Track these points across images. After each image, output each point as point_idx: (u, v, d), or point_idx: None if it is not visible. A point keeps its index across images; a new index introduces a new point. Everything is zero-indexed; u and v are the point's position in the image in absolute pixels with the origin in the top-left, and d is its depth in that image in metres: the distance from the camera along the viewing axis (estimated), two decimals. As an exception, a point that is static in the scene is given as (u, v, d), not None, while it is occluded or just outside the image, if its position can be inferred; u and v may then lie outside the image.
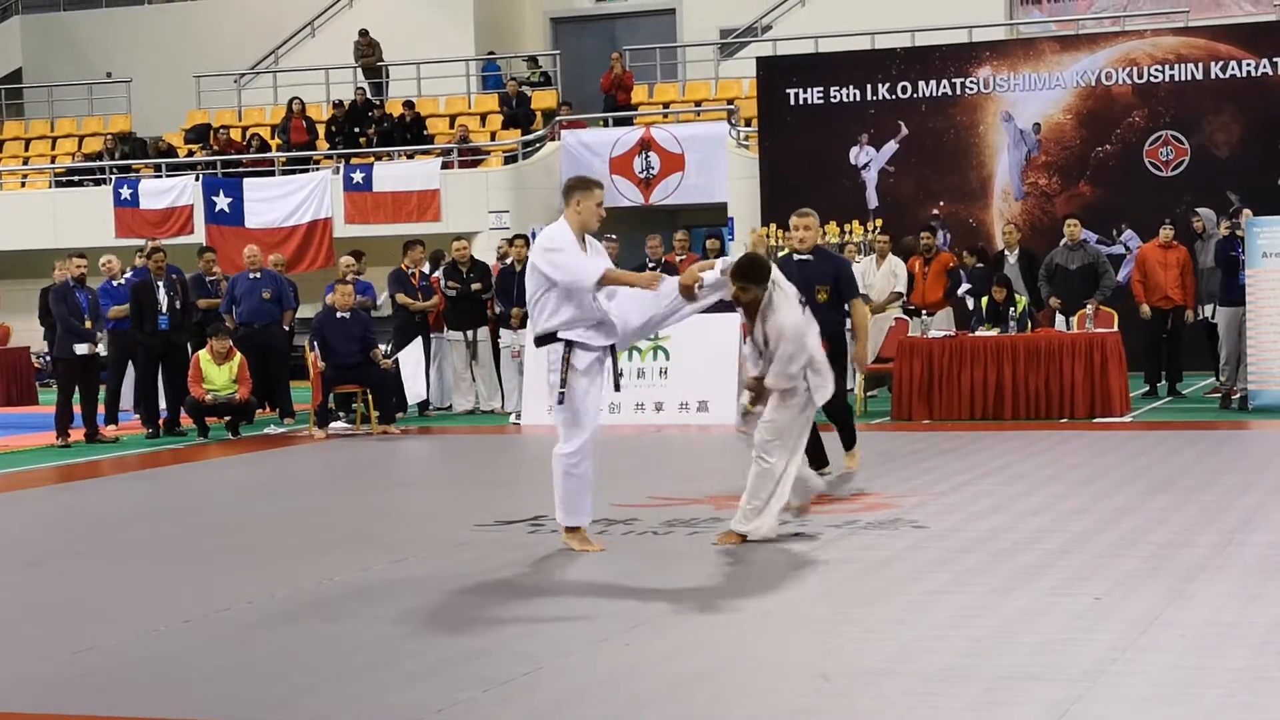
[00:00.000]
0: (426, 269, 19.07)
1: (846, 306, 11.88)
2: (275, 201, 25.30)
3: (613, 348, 9.09)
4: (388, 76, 28.92)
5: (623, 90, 26.46)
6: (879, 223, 21.54)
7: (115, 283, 17.94)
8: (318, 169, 26.11)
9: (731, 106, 25.16)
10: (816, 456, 11.45)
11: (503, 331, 18.38)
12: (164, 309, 16.98)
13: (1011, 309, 16.70)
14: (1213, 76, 21.15)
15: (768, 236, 20.08)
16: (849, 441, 12.12)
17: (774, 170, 22.79)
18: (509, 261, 18.52)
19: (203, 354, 16.74)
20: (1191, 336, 18.16)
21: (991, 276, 17.67)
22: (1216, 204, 19.41)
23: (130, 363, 17.79)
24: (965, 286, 18.63)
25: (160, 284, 17.08)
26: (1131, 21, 24.39)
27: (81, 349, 16.41)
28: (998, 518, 9.81)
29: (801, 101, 22.77)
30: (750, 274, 9.07)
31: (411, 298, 18.53)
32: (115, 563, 9.53)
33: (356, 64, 28.72)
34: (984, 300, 17.29)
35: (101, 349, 16.92)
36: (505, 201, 24.56)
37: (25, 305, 22.36)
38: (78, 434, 16.55)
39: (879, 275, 18.61)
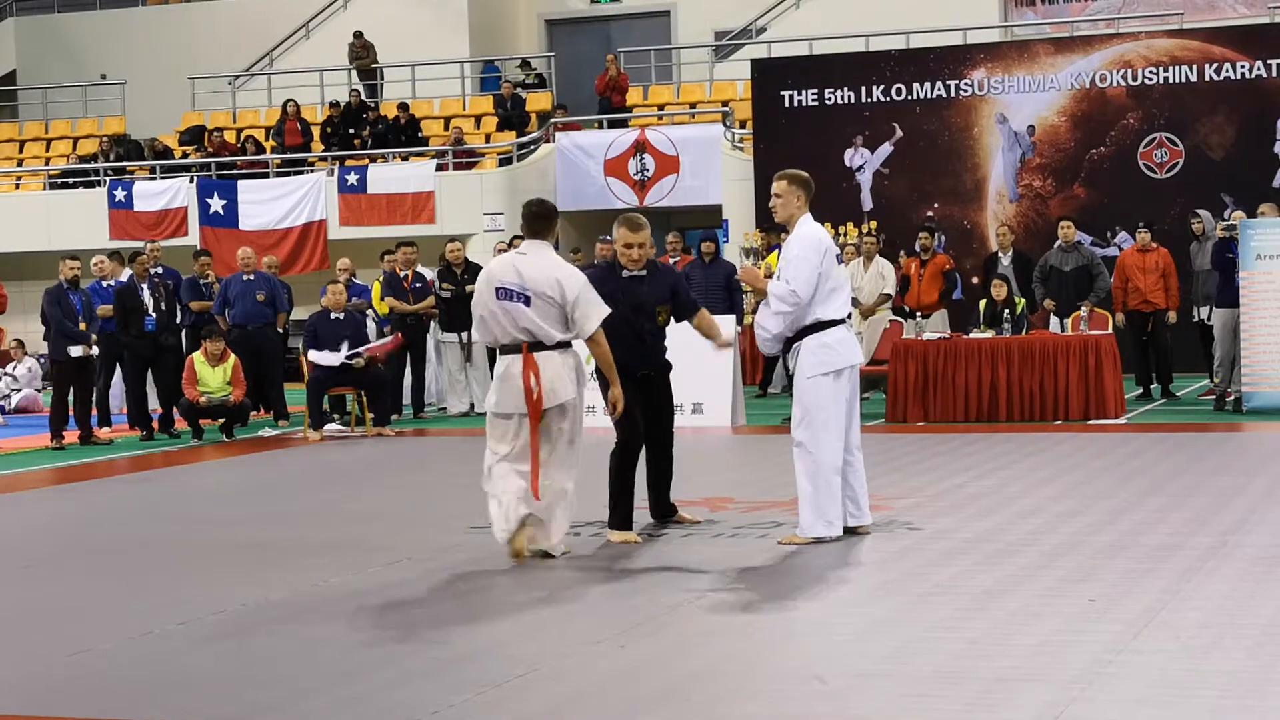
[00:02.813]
0: (424, 271, 19.06)
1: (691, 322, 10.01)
2: (270, 203, 25.29)
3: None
4: (382, 78, 28.92)
5: (617, 92, 26.46)
6: (873, 225, 21.57)
7: (105, 283, 17.91)
8: (312, 171, 26.11)
9: (726, 108, 25.17)
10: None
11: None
12: (150, 310, 16.96)
13: (1008, 310, 16.70)
14: (1207, 79, 21.18)
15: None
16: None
17: (769, 172, 22.59)
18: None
19: (197, 356, 16.72)
20: (1186, 339, 18.18)
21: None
22: (1211, 206, 19.42)
23: (118, 365, 17.78)
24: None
25: (144, 286, 17.05)
26: (1126, 24, 24.42)
27: (75, 351, 16.41)
28: (992, 519, 9.81)
29: (796, 103, 22.78)
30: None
31: (402, 300, 18.53)
32: (110, 565, 9.52)
33: (351, 66, 28.71)
34: (982, 302, 17.29)
35: (96, 350, 16.91)
36: (500, 204, 24.56)
37: (19, 307, 22.34)
38: (72, 436, 16.54)
39: (867, 277, 18.61)
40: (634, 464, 9.70)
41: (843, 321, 9.19)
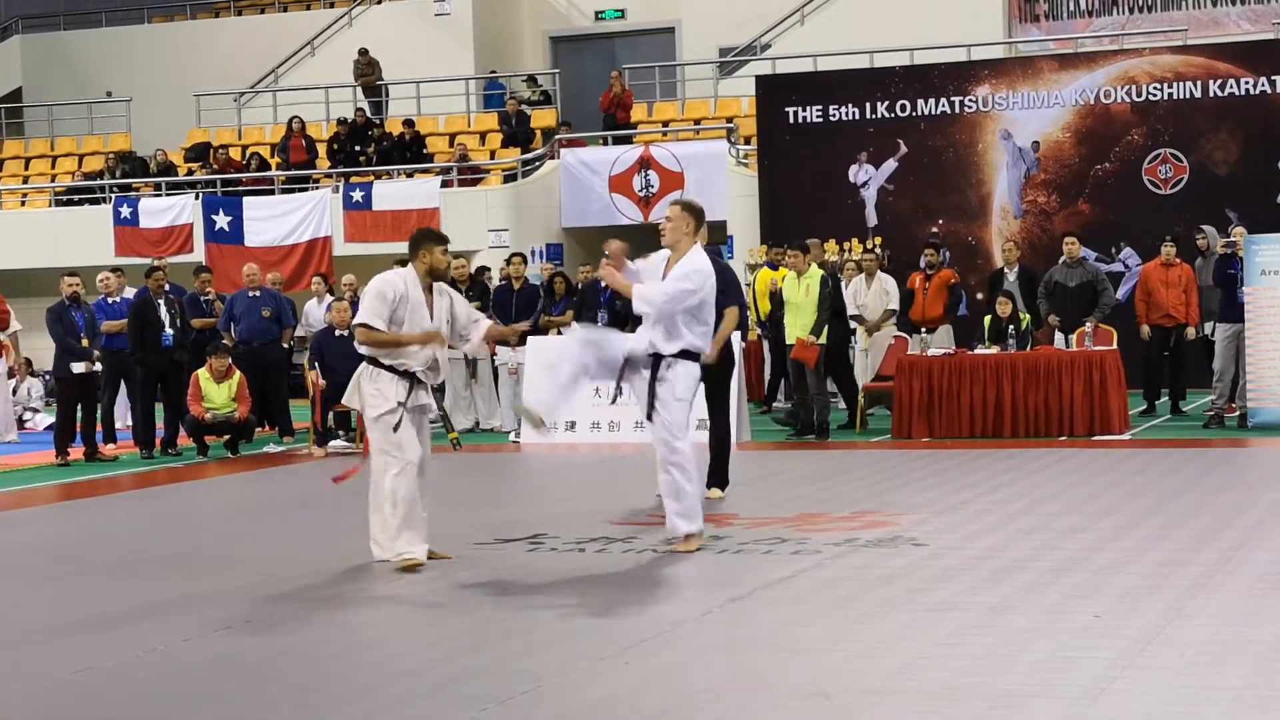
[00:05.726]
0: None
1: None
2: (274, 220, 25.32)
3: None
4: (387, 95, 28.98)
5: (622, 109, 26.50)
6: (878, 241, 21.58)
7: (111, 300, 17.92)
8: (317, 188, 26.15)
9: (731, 125, 25.20)
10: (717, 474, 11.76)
11: (500, 349, 18.40)
12: (166, 326, 16.98)
13: (1013, 326, 16.69)
14: (1211, 94, 21.18)
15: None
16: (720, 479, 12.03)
17: (773, 188, 22.81)
18: (505, 278, 18.70)
19: (202, 373, 16.73)
20: (1192, 354, 18.15)
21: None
22: (1215, 222, 19.43)
23: (124, 382, 17.76)
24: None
25: (160, 302, 17.07)
26: (1130, 40, 24.44)
27: (78, 367, 16.41)
28: (997, 535, 9.81)
29: (801, 120, 22.80)
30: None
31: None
32: (115, 581, 9.52)
33: (356, 83, 28.77)
34: (986, 319, 17.28)
35: (99, 367, 16.90)
36: (504, 220, 24.60)
37: (26, 324, 22.36)
38: (77, 453, 16.54)
39: (871, 294, 18.59)
40: None
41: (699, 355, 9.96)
